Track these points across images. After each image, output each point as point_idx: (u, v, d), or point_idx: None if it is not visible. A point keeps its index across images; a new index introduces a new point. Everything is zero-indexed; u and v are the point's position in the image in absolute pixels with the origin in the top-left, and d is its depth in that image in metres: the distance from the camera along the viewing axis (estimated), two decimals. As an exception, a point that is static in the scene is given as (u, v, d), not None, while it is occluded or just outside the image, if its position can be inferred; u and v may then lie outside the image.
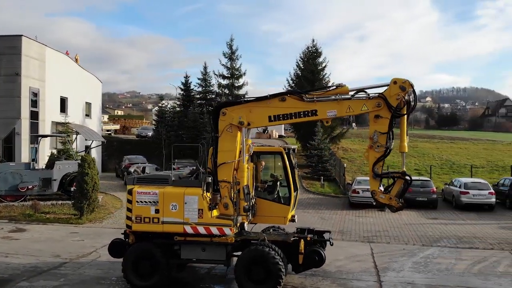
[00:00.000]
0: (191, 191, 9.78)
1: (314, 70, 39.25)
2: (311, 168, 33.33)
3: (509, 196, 23.45)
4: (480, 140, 58.37)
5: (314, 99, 9.68)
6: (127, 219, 10.07)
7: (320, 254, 10.40)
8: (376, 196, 9.64)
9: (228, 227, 9.71)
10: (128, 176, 11.08)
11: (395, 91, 9.25)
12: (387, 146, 9.30)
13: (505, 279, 11.55)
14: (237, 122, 9.88)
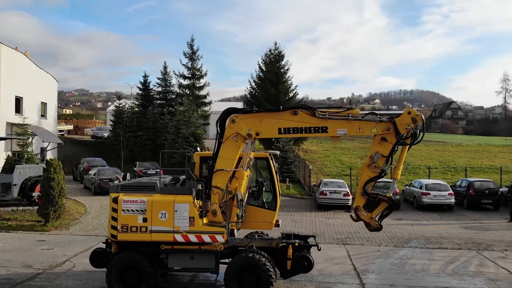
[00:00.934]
0: (182, 199, 9.55)
1: (278, 73, 39.52)
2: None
3: (466, 196, 24.63)
4: (430, 141, 61.03)
5: (326, 116, 9.76)
6: (112, 228, 9.67)
7: (309, 260, 10.47)
8: (359, 212, 9.95)
9: (221, 235, 9.62)
10: (111, 183, 10.60)
11: (406, 121, 9.55)
12: (383, 169, 9.65)
13: (479, 279, 12.09)
14: (245, 134, 9.80)
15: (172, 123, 38.94)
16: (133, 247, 9.84)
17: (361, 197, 9.91)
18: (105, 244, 10.78)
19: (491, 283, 11.73)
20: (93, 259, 10.53)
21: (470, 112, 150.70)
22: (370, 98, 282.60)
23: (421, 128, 9.60)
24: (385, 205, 9.94)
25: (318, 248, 10.82)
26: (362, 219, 10.02)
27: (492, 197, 24.35)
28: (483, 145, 57.42)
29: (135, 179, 11.18)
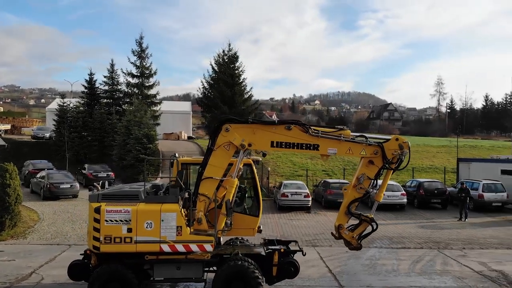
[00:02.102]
0: (169, 208, 9.28)
1: (233, 74, 39.45)
2: (232, 172, 33.47)
3: (416, 196, 25.95)
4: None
5: (319, 135, 9.88)
6: (94, 239, 9.21)
7: (295, 265, 10.58)
8: (341, 230, 10.26)
9: (209, 243, 9.46)
10: (90, 192, 10.09)
11: (393, 147, 9.95)
12: (367, 190, 10.01)
13: (447, 278, 12.78)
14: (238, 144, 9.72)
15: (122, 123, 37.71)
16: (115, 258, 9.44)
17: (345, 216, 10.22)
18: (83, 255, 10.29)
19: (459, 281, 12.43)
20: (72, 272, 10.06)
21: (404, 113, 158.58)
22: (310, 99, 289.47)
23: (406, 154, 9.95)
24: (366, 225, 10.27)
25: (303, 253, 10.93)
26: (344, 237, 10.30)
27: (441, 197, 25.84)
28: (421, 145, 60.70)
29: (114, 188, 10.64)
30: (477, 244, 17.21)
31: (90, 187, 10.21)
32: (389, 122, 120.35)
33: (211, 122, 38.54)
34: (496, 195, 24.80)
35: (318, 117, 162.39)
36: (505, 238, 18.19)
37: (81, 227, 18.91)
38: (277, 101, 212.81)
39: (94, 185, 10.20)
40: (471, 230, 19.91)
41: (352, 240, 10.28)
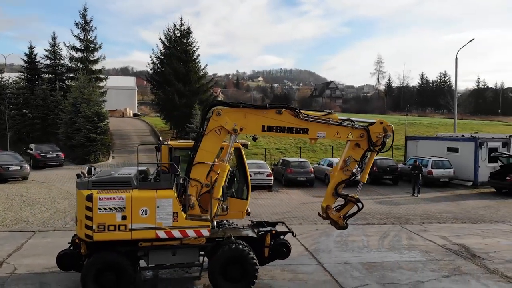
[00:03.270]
0: (164, 194, 9.15)
1: (187, 50, 38.41)
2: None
3: (370, 173, 27.08)
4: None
5: (309, 119, 10.00)
6: (86, 228, 8.91)
7: (287, 246, 10.85)
8: (329, 211, 10.68)
9: (206, 228, 9.45)
10: (78, 179, 9.63)
11: (378, 130, 10.31)
12: (354, 172, 10.43)
13: (414, 252, 13.62)
14: (230, 128, 9.65)
15: (68, 100, 35.90)
16: (107, 246, 9.21)
17: (332, 197, 10.63)
18: (70, 244, 9.98)
19: (426, 255, 13.31)
20: (61, 262, 9.75)
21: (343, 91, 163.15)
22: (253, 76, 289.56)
23: (389, 138, 10.35)
24: (351, 205, 10.73)
25: (293, 234, 11.21)
26: (331, 217, 10.72)
27: (392, 173, 27.21)
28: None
29: (102, 174, 10.18)
30: (434, 218, 18.41)
31: (78, 174, 9.73)
32: (331, 100, 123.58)
33: (164, 100, 37.53)
34: (444, 171, 26.50)
35: (262, 94, 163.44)
36: (458, 212, 19.58)
37: (41, 212, 18.08)
38: (221, 77, 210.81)
39: (81, 172, 9.77)
40: (425, 205, 21.22)
41: (339, 220, 10.71)
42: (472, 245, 14.25)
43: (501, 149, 26.57)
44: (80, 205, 9.06)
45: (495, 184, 24.69)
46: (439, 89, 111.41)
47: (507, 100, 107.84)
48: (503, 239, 15.11)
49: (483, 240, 14.90)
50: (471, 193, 24.63)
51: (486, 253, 13.44)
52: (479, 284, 10.90)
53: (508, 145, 26.85)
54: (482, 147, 26.36)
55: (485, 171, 25.98)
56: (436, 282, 11.07)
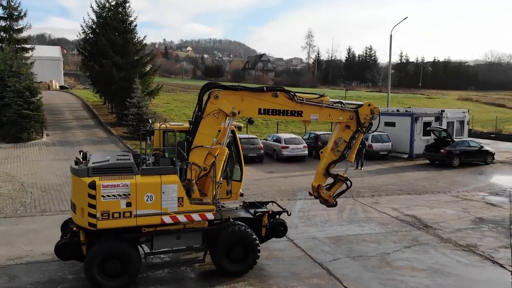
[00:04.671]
0: (169, 179, 9.09)
1: (124, 20, 36.37)
2: (130, 128, 31.93)
3: (315, 148, 28.00)
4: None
5: (303, 102, 10.17)
6: (90, 216, 8.69)
7: (284, 225, 11.23)
8: (320, 190, 11.13)
9: (211, 212, 9.55)
10: (76, 166, 9.06)
11: (366, 112, 10.74)
12: (344, 153, 10.83)
13: (373, 224, 14.55)
14: (229, 111, 9.61)
15: (-8, 73, 32.93)
16: (108, 234, 9.04)
17: (323, 176, 11.10)
18: (68, 233, 9.67)
19: (384, 227, 14.28)
20: (60, 252, 9.41)
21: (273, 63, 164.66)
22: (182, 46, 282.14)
23: (376, 119, 10.86)
24: (340, 184, 11.23)
25: (288, 213, 11.57)
26: (323, 196, 11.16)
27: (336, 148, 28.34)
28: (300, 97, 64.61)
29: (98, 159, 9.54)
30: (382, 191, 19.63)
31: (76, 161, 9.32)
32: (264, 73, 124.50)
33: (100, 73, 35.61)
34: (383, 145, 28.09)
35: (193, 65, 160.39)
36: (401, 184, 21.00)
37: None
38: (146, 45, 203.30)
39: (76, 158, 9.41)
40: (370, 178, 22.47)
41: (330, 198, 11.20)
42: (423, 216, 15.48)
43: (434, 123, 28.60)
44: (81, 192, 8.77)
45: (430, 156, 26.66)
46: (365, 63, 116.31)
47: (427, 73, 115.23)
48: (448, 209, 16.54)
49: (430, 211, 16.22)
50: (408, 165, 26.42)
51: (436, 223, 14.68)
52: (438, 253, 11.96)
53: (440, 120, 28.94)
54: (417, 121, 28.19)
55: (420, 144, 27.93)
56: (400, 253, 11.97)
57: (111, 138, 32.42)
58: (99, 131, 34.77)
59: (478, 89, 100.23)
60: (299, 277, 10.22)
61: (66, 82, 67.99)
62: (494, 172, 24.42)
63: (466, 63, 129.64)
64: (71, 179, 9.39)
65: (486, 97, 77.99)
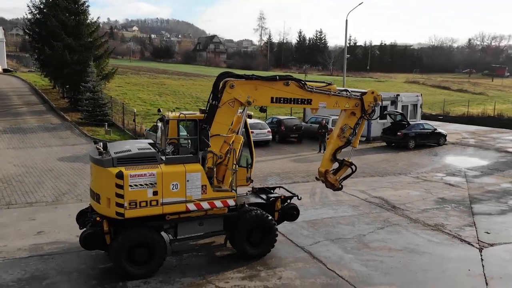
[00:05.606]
0: (193, 168, 9.40)
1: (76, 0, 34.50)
2: (86, 113, 30.78)
3: (278, 132, 28.38)
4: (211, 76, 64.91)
5: (313, 90, 10.49)
6: (117, 206, 8.84)
7: (297, 209, 11.72)
8: (327, 174, 11.59)
9: (232, 198, 9.97)
10: (100, 157, 8.97)
11: (370, 99, 11.17)
12: (349, 139, 11.28)
13: (345, 207, 15.10)
14: (244, 100, 9.85)
15: None
16: (133, 222, 9.18)
17: (330, 162, 11.56)
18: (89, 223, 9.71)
19: (356, 209, 14.87)
20: (86, 242, 9.40)
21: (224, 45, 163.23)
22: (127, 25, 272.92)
23: (378, 106, 11.35)
24: (346, 168, 11.68)
25: (298, 198, 11.91)
26: (329, 180, 11.64)
27: (298, 132, 28.84)
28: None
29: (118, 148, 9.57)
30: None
31: (99, 151, 9.27)
32: (215, 55, 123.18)
33: (50, 56, 33.81)
34: (343, 128, 28.84)
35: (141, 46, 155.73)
36: (364, 167, 21.67)
37: None
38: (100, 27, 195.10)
39: (96, 148, 9.49)
40: (333, 161, 23.12)
41: (336, 182, 11.73)
42: (389, 197, 16.24)
43: (390, 107, 29.68)
44: (107, 182, 8.89)
45: (387, 139, 27.77)
46: (316, 47, 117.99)
47: (375, 57, 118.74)
48: (411, 190, 17.44)
49: (395, 192, 17.04)
50: (367, 148, 27.36)
51: (403, 204, 15.47)
52: (410, 233, 12.66)
53: (396, 103, 30.10)
54: (375, 105, 29.12)
55: (377, 127, 28.96)
56: (374, 234, 12.57)
57: (66, 124, 31.17)
58: (51, 117, 33.28)
59: (423, 72, 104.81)
60: (284, 262, 10.53)
61: (9, 65, 64.19)
62: (448, 153, 25.85)
63: (411, 46, 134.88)
64: (92, 169, 9.50)
65: (431, 79, 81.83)
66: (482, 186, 18.10)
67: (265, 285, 9.36)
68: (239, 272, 9.89)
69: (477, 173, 20.61)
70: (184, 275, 9.69)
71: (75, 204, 14.79)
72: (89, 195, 10.46)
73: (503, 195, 16.65)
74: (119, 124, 30.98)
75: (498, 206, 15.23)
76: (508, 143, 29.55)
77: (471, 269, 10.22)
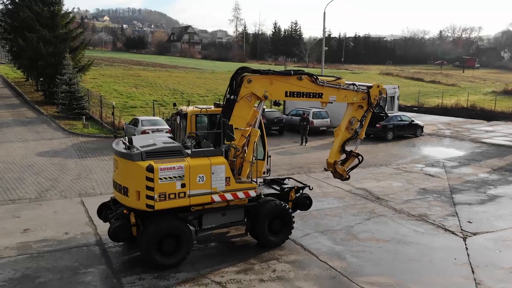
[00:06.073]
0: (218, 161, 9.75)
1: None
2: (63, 107, 30.10)
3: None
4: (188, 68, 64.42)
5: (324, 84, 10.89)
6: (148, 198, 9.10)
7: (310, 199, 12.25)
8: (336, 165, 12.04)
9: (253, 190, 10.36)
10: (128, 151, 9.18)
11: (375, 92, 11.70)
12: (356, 131, 11.80)
13: (331, 199, 15.36)
14: (261, 95, 10.20)
15: None
16: (160, 214, 9.49)
17: (339, 153, 11.99)
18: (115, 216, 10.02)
19: (342, 201, 15.15)
20: (116, 234, 9.64)
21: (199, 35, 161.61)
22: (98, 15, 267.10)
23: (383, 99, 11.87)
24: (353, 159, 12.05)
25: (310, 188, 12.43)
26: (338, 171, 12.06)
27: (279, 124, 29.02)
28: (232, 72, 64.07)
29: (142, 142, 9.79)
30: (330, 166, 20.56)
31: (128, 146, 9.46)
32: (190, 45, 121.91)
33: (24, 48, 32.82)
34: (322, 121, 29.23)
35: (113, 36, 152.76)
36: (346, 158, 22.13)
37: None
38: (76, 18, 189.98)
39: (123, 142, 9.78)
40: (315, 153, 23.37)
41: (344, 172, 12.17)
42: (373, 189, 16.60)
43: (369, 99, 30.13)
44: (136, 176, 9.11)
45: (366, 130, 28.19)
46: (291, 38, 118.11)
47: (349, 49, 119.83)
48: (393, 181, 17.85)
49: (378, 184, 17.42)
50: (347, 140, 27.76)
51: (386, 195, 15.84)
52: (395, 223, 13.00)
53: (373, 96, 30.52)
54: (354, 97, 29.53)
55: (356, 119, 29.35)
56: (362, 225, 12.85)
57: (42, 118, 30.44)
58: (26, 111, 32.43)
59: (396, 64, 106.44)
60: (277, 254, 10.65)
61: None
62: (425, 144, 26.51)
63: (384, 38, 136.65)
64: (117, 163, 9.74)
65: (404, 71, 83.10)
66: (461, 176, 18.69)
67: (260, 278, 9.47)
68: (233, 266, 9.98)
69: (455, 163, 21.24)
70: (179, 270, 9.70)
71: (59, 201, 14.60)
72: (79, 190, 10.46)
73: (482, 185, 17.24)
74: (97, 118, 30.46)
75: (478, 196, 15.77)
76: (482, 133, 30.52)
77: (457, 258, 10.59)
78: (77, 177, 17.38)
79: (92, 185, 16.44)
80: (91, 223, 12.57)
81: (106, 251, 10.70)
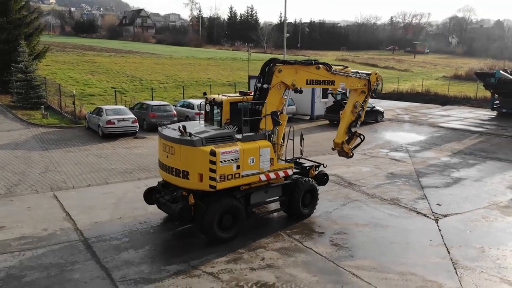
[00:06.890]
0: (264, 144, 10.86)
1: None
2: (19, 96, 28.72)
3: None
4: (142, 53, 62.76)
5: (336, 72, 12.15)
6: (211, 180, 10.09)
7: (327, 175, 13.53)
8: (343, 145, 13.57)
9: (291, 169, 11.73)
10: (189, 138, 10.24)
11: (374, 79, 13.33)
12: (359, 114, 13.39)
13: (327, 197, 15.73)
14: (290, 83, 11.23)
15: None
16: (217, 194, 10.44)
17: (345, 134, 13.56)
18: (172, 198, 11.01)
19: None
20: (181, 214, 10.52)
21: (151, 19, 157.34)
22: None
23: (379, 85, 13.26)
24: (356, 138, 13.83)
25: (324, 165, 13.57)
26: (344, 150, 13.64)
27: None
28: (190, 57, 63.51)
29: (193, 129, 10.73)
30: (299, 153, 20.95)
31: (189, 133, 10.35)
32: (143, 29, 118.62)
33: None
34: (288, 108, 29.50)
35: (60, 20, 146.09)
36: (313, 145, 22.39)
37: None
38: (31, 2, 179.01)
39: (180, 130, 10.42)
40: (283, 141, 23.73)
41: (349, 151, 13.79)
42: (344, 174, 17.14)
43: (332, 86, 30.81)
44: (198, 160, 10.06)
45: (330, 117, 28.81)
46: (247, 23, 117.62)
47: (304, 34, 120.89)
48: (362, 166, 18.49)
49: (348, 169, 17.98)
50: (312, 126, 28.35)
51: (358, 180, 16.41)
52: (370, 208, 13.55)
53: (337, 83, 31.26)
54: (317, 85, 30.09)
55: (320, 106, 30.03)
56: (339, 210, 13.31)
57: (-4, 107, 28.97)
58: (-22, 101, 30.71)
59: (350, 49, 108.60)
60: (263, 243, 10.87)
61: None
62: (387, 130, 27.50)
63: (338, 24, 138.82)
64: (172, 148, 10.46)
65: (358, 57, 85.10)
66: (424, 160, 19.63)
67: (250, 267, 9.67)
68: (222, 256, 10.10)
69: (417, 148, 22.25)
70: (169, 263, 9.75)
71: (31, 196, 14.15)
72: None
73: (445, 168, 18.21)
74: (56, 107, 29.34)
75: (443, 179, 16.67)
76: (438, 118, 32.00)
77: (432, 240, 11.24)
78: (45, 170, 16.81)
79: (62, 178, 15.97)
80: (68, 218, 12.32)
81: (90, 247, 10.53)
